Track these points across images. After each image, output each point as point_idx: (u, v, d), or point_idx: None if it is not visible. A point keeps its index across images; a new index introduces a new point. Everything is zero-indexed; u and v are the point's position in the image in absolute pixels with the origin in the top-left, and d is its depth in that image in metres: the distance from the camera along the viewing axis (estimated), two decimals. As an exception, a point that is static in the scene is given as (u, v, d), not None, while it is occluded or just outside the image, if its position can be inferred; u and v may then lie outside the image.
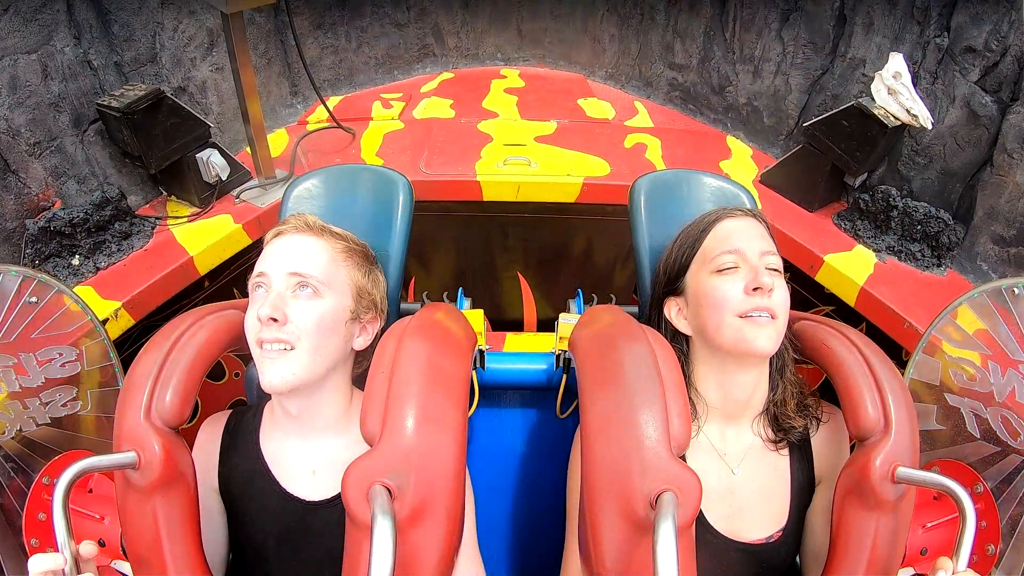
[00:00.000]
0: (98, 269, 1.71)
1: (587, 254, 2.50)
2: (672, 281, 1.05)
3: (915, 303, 1.63)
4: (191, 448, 0.93)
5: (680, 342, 1.02)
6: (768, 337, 0.91)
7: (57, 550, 0.72)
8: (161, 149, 1.85)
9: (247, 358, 0.98)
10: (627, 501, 0.74)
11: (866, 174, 1.95)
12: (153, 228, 1.87)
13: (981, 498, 1.07)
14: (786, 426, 0.99)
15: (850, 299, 1.74)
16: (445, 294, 1.50)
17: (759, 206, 1.23)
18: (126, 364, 1.01)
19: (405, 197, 1.24)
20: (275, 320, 0.89)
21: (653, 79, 2.80)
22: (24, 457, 1.12)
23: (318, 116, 2.56)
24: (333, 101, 2.71)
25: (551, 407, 1.28)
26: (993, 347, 1.06)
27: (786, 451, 1.01)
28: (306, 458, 0.99)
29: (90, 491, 1.14)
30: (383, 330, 1.02)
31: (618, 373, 0.84)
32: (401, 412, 0.79)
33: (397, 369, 0.83)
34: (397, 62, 2.99)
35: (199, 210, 1.97)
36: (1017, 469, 1.05)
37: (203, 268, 1.82)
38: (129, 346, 1.67)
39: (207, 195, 1.99)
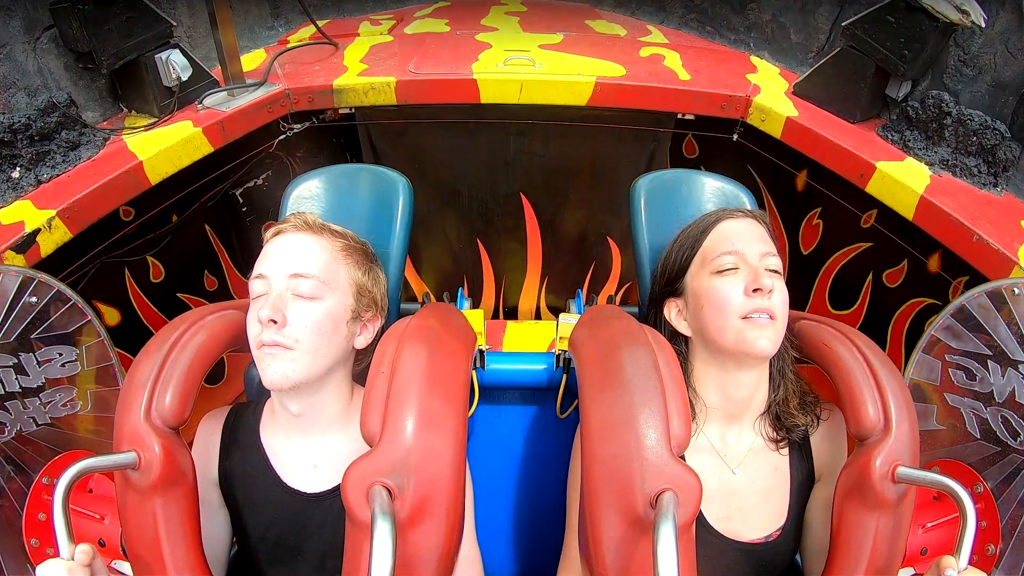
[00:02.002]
0: (40, 182, 1.51)
1: (600, 172, 2.23)
2: (671, 282, 1.05)
3: (981, 218, 1.43)
4: (191, 447, 0.93)
5: (679, 343, 1.02)
6: (768, 338, 0.91)
7: (57, 550, 0.72)
8: (115, 45, 1.66)
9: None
10: (627, 500, 0.74)
11: (910, 85, 1.77)
12: (106, 140, 1.66)
13: (981, 498, 1.07)
14: (789, 424, 0.99)
15: (908, 211, 1.55)
16: (445, 294, 1.50)
17: (757, 192, 1.21)
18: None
19: (405, 197, 1.24)
20: (275, 322, 0.89)
21: (666, 2, 2.62)
22: (24, 457, 1.12)
23: (300, 36, 2.39)
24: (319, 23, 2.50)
25: (551, 406, 1.28)
26: (993, 347, 1.06)
27: (786, 450, 1.01)
28: (307, 453, 0.99)
29: (90, 491, 1.15)
30: (383, 329, 1.02)
31: (618, 373, 0.84)
32: (401, 413, 0.79)
33: (397, 370, 0.83)
34: (389, -11, 2.79)
35: (157, 119, 1.76)
36: (1017, 469, 1.04)
37: (155, 176, 1.62)
38: (70, 274, 1.52)
39: (167, 103, 1.77)
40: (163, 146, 1.62)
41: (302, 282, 0.92)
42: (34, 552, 1.10)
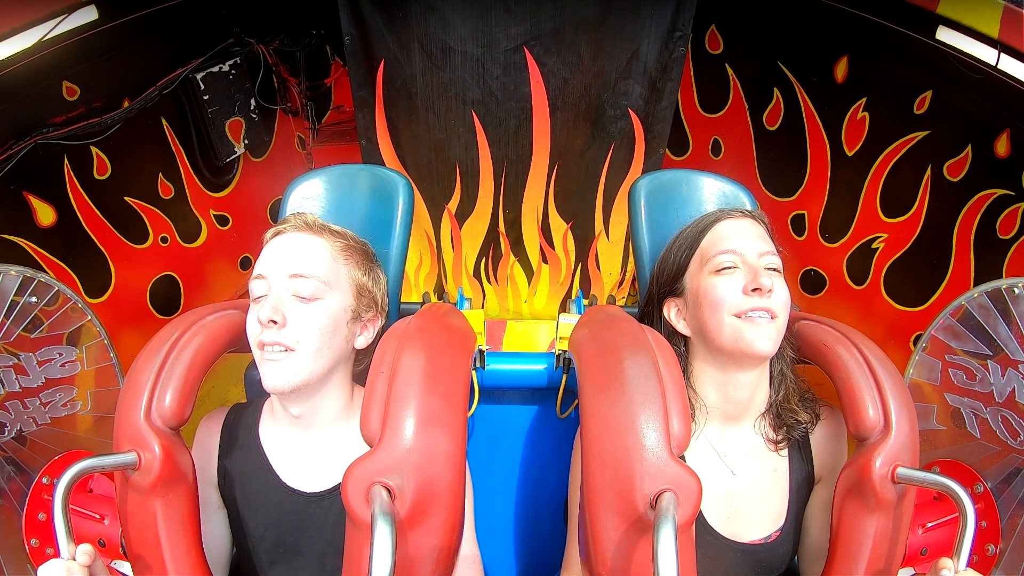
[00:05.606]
0: None
1: (620, 23, 1.90)
2: (671, 282, 1.05)
3: None
4: (190, 447, 0.93)
5: (678, 343, 1.02)
6: (767, 338, 0.91)
7: (57, 550, 0.72)
8: None
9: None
10: (627, 501, 0.74)
11: None
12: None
13: (981, 498, 1.07)
14: (790, 421, 0.99)
15: (991, 27, 1.35)
16: (446, 295, 1.49)
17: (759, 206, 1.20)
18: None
19: (405, 197, 1.24)
20: (275, 322, 0.89)
21: None
22: (24, 457, 1.12)
23: None
24: None
25: (551, 406, 1.28)
26: (993, 347, 1.06)
27: (785, 451, 1.01)
28: (306, 452, 0.99)
29: (90, 491, 1.15)
30: (383, 329, 1.02)
31: (618, 374, 0.84)
32: (401, 413, 0.79)
33: (397, 371, 0.83)
34: None
35: None
36: (1017, 469, 1.05)
37: None
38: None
39: None
40: None
41: (302, 282, 0.92)
42: (34, 552, 1.11)
